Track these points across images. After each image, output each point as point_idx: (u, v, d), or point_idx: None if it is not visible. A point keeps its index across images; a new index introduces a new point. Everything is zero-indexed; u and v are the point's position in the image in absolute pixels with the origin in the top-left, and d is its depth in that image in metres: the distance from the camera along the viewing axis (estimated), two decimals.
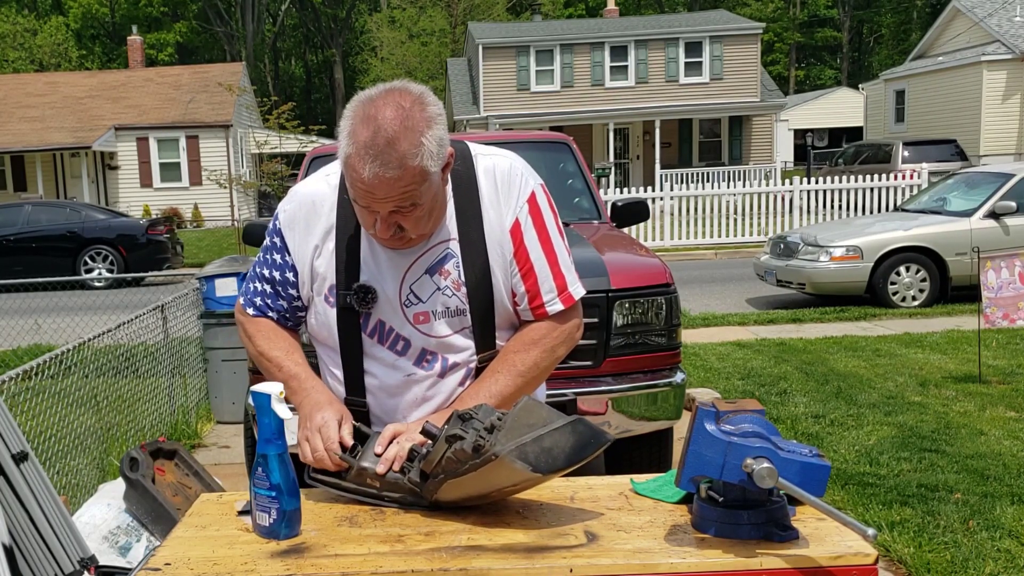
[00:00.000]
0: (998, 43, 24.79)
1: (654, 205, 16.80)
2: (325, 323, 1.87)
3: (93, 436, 5.02)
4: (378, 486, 1.72)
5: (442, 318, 1.81)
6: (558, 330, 1.86)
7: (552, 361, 1.87)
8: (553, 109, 28.86)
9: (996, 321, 6.10)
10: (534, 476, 1.55)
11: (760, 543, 1.50)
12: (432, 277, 1.80)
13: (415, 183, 1.66)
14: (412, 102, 1.66)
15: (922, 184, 16.34)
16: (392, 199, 1.66)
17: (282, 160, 19.32)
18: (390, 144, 1.62)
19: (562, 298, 1.85)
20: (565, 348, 1.88)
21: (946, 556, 3.57)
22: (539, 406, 1.58)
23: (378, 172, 1.63)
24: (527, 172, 1.86)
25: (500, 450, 1.53)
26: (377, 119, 1.64)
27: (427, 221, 1.75)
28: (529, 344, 1.84)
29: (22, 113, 27.38)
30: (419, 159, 1.64)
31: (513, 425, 1.55)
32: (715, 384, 6.60)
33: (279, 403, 1.67)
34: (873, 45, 55.89)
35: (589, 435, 1.56)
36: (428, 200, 1.71)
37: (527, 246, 1.82)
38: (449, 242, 1.81)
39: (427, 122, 1.66)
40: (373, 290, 1.80)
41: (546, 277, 1.83)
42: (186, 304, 6.80)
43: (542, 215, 1.84)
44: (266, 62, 54.90)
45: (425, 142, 1.65)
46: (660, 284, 4.10)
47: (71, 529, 2.87)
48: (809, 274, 9.94)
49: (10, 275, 14.10)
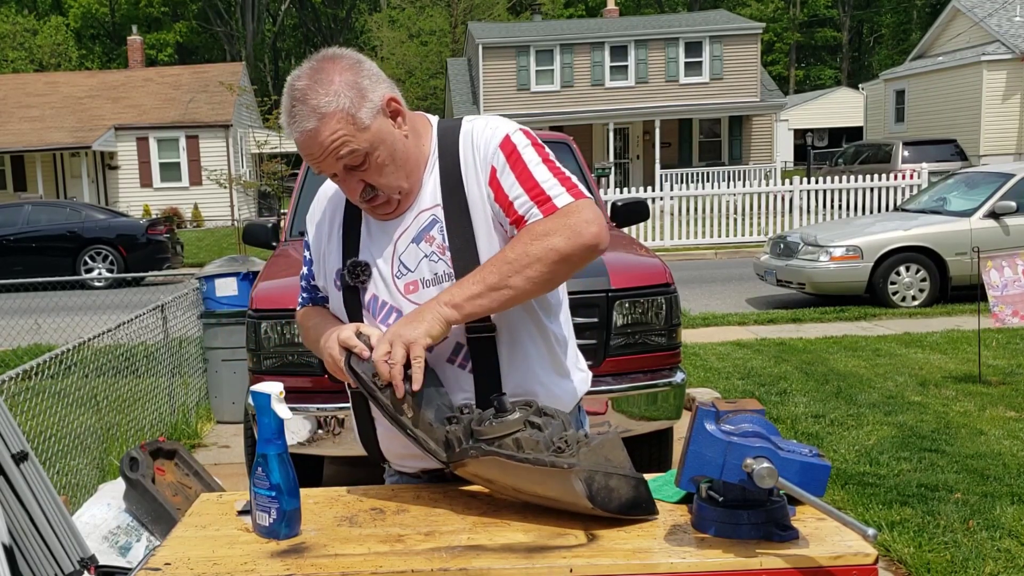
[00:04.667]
0: (998, 43, 24.79)
1: (654, 205, 16.79)
2: (336, 307, 1.93)
3: (93, 436, 5.02)
4: (411, 415, 1.66)
5: (431, 286, 1.81)
6: (548, 222, 1.69)
7: (545, 249, 1.66)
8: (553, 109, 28.85)
9: (1006, 319, 6.07)
10: (582, 502, 1.56)
11: (760, 543, 1.50)
12: (418, 245, 1.82)
13: (342, 130, 1.69)
14: (324, 61, 1.73)
15: (922, 184, 16.34)
16: (329, 152, 1.71)
17: (282, 160, 19.32)
18: (301, 101, 1.69)
19: (543, 209, 1.70)
20: (564, 239, 1.67)
21: (946, 556, 3.57)
22: (622, 448, 1.60)
23: (300, 129, 1.69)
24: (502, 123, 1.83)
25: (576, 464, 1.54)
26: (293, 87, 1.72)
27: (395, 173, 1.77)
28: (514, 240, 1.72)
29: (22, 113, 27.38)
30: (333, 105, 1.68)
31: (597, 448, 1.56)
32: (715, 384, 6.60)
33: (279, 403, 1.67)
34: (873, 45, 55.90)
35: (645, 498, 1.60)
36: (382, 151, 1.74)
37: (503, 184, 1.75)
38: (434, 208, 1.83)
39: (340, 71, 1.71)
40: (365, 264, 1.84)
41: (524, 202, 1.73)
42: (186, 304, 6.80)
43: (518, 152, 1.77)
44: (266, 62, 54.91)
45: (337, 88, 1.69)
46: (660, 284, 4.10)
47: (71, 529, 2.87)
48: (809, 274, 9.94)
49: (10, 275, 14.09)
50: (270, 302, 4.08)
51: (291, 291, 3.91)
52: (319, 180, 5.25)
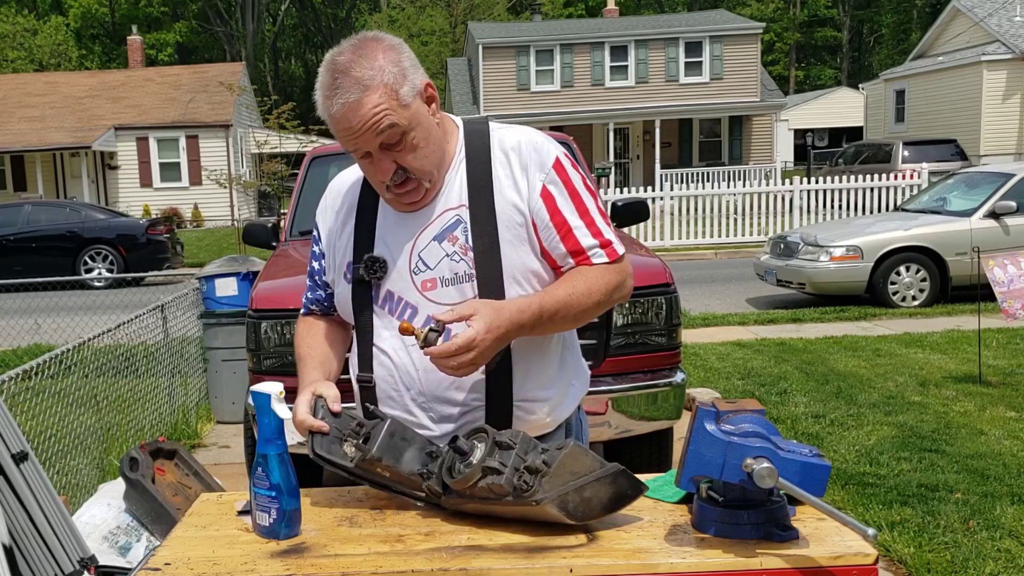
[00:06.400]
0: (998, 43, 24.79)
1: (654, 205, 16.80)
2: (344, 300, 1.91)
3: (93, 436, 5.01)
4: (388, 476, 1.70)
5: (450, 285, 1.81)
6: (602, 279, 1.81)
7: (585, 305, 1.79)
8: (553, 109, 28.85)
9: (1017, 312, 6.01)
10: (567, 522, 1.56)
11: (760, 543, 1.50)
12: (440, 244, 1.82)
13: (384, 104, 1.69)
14: (366, 40, 1.74)
15: (922, 184, 16.34)
16: (369, 126, 1.69)
17: (282, 160, 19.30)
18: (345, 73, 1.69)
19: (607, 252, 1.82)
20: (595, 302, 1.81)
21: (946, 556, 3.57)
22: (584, 454, 1.58)
23: (342, 102, 1.68)
24: (548, 142, 1.87)
25: (542, 498, 1.54)
26: (334, 61, 1.72)
27: (429, 158, 1.78)
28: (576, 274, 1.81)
29: (22, 113, 27.38)
30: (377, 79, 1.69)
31: (558, 471, 1.55)
32: (715, 384, 6.60)
33: (279, 403, 1.67)
34: (873, 45, 55.90)
35: (627, 486, 1.58)
36: (419, 132, 1.74)
37: (561, 209, 1.81)
38: (459, 209, 1.82)
39: (384, 51, 1.72)
40: (382, 260, 1.84)
41: (585, 235, 1.81)
42: (186, 304, 6.80)
43: (570, 178, 1.83)
44: (266, 62, 54.92)
45: (381, 64, 1.70)
46: (660, 284, 4.10)
47: (71, 529, 2.87)
48: (809, 274, 9.94)
49: (10, 275, 14.09)
50: (270, 302, 4.08)
51: (291, 291, 3.91)
52: (320, 180, 5.24)
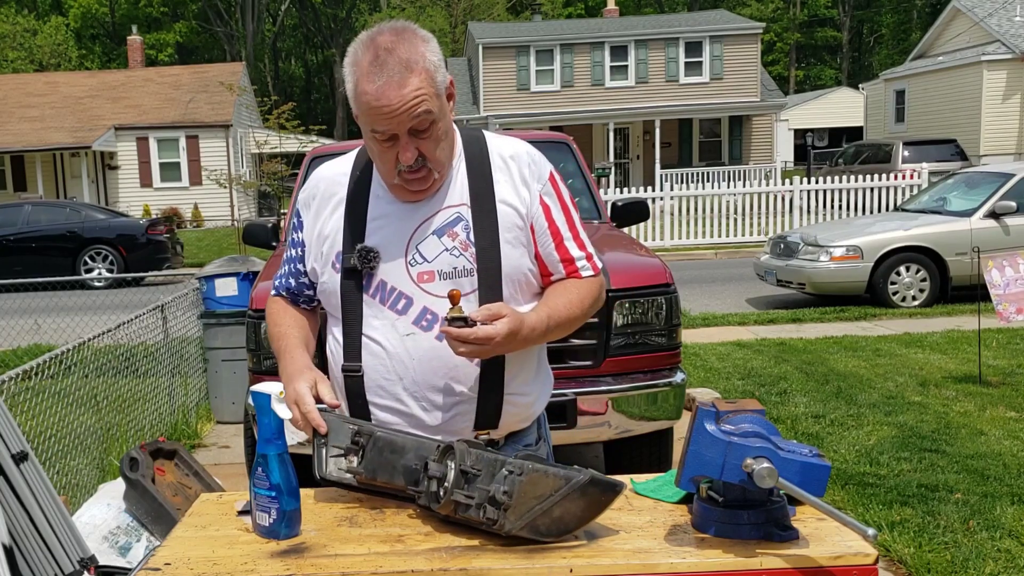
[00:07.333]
0: (998, 43, 24.78)
1: (654, 205, 16.79)
2: (331, 290, 1.90)
3: (93, 436, 5.01)
4: (387, 488, 1.73)
5: (447, 279, 1.82)
6: (590, 293, 1.94)
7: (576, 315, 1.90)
8: (553, 109, 28.85)
9: (1010, 316, 6.05)
10: (546, 542, 1.55)
11: (760, 543, 1.50)
12: (440, 239, 1.84)
13: (425, 89, 1.72)
14: (407, 27, 1.78)
15: (922, 184, 16.34)
16: (407, 108, 1.70)
17: (282, 160, 19.31)
18: (390, 53, 1.71)
19: (591, 264, 1.94)
20: (583, 312, 1.93)
21: (946, 556, 3.57)
22: (544, 477, 1.55)
23: (386, 79, 1.69)
24: (542, 157, 1.97)
25: (511, 528, 1.54)
26: (375, 41, 1.74)
27: (446, 151, 1.82)
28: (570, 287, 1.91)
29: (22, 113, 27.37)
30: (421, 64, 1.72)
31: (520, 500, 1.53)
32: (715, 384, 6.60)
33: (279, 403, 1.67)
34: (873, 45, 55.90)
35: (599, 492, 1.55)
36: (443, 124, 1.78)
37: (555, 219, 1.91)
38: (459, 207, 1.85)
39: (421, 40, 1.76)
40: (375, 251, 1.84)
41: (573, 246, 1.93)
42: (186, 304, 6.79)
43: (561, 193, 1.95)
44: (266, 62, 54.91)
45: (422, 50, 1.74)
46: (660, 284, 4.10)
47: (71, 529, 2.87)
48: (809, 274, 9.94)
49: (10, 275, 14.06)
50: None
51: None
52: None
